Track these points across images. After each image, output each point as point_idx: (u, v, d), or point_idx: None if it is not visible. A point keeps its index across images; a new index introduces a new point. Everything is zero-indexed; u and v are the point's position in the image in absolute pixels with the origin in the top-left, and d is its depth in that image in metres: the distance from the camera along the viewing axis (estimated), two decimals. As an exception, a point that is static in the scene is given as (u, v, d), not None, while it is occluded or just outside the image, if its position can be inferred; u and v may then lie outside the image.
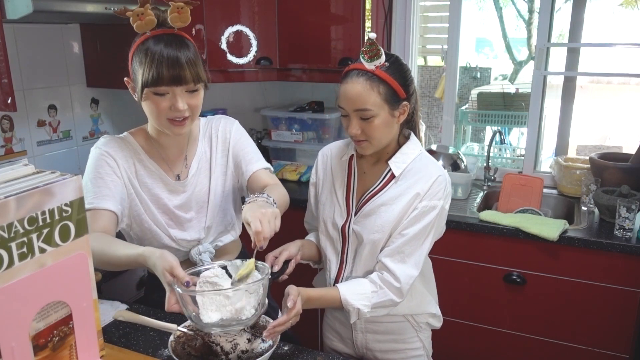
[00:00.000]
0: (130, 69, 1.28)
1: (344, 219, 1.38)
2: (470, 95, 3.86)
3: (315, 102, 2.74)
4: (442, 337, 1.55)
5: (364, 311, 1.29)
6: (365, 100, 1.23)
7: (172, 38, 1.23)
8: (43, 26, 2.12)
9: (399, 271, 1.28)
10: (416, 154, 1.34)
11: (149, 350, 1.23)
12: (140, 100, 1.28)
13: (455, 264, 2.17)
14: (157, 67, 1.20)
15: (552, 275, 2.03)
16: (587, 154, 3.64)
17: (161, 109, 1.25)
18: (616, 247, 1.90)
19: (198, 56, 1.26)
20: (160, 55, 1.20)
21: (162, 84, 1.21)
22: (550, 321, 2.08)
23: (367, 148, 1.31)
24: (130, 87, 1.31)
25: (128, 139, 1.40)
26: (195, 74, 1.23)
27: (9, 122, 2.04)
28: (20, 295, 0.77)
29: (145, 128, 1.43)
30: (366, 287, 1.30)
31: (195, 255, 1.44)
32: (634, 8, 5.72)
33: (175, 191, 1.42)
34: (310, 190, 1.52)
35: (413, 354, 1.46)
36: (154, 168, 1.39)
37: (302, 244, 1.43)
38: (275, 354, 1.22)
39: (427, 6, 2.85)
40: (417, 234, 1.28)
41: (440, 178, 1.30)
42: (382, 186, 1.34)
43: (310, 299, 1.25)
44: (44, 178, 0.84)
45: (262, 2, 2.44)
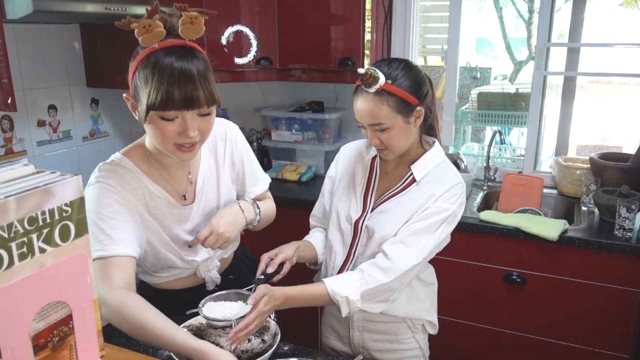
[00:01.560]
0: (131, 83, 1.12)
1: (359, 214, 1.39)
2: (470, 95, 3.87)
3: (315, 102, 2.74)
4: (442, 337, 1.55)
5: (353, 299, 1.25)
6: (377, 115, 1.25)
7: (184, 52, 1.07)
8: (43, 26, 2.12)
9: (394, 254, 1.26)
10: (439, 162, 1.36)
11: (149, 350, 1.23)
12: (142, 122, 1.12)
13: (455, 264, 2.17)
14: (167, 88, 1.04)
15: (552, 275, 2.03)
16: (587, 154, 3.64)
17: (168, 134, 1.10)
18: (616, 247, 1.90)
19: (211, 72, 1.11)
20: (171, 73, 1.04)
21: (172, 107, 1.06)
22: (550, 321, 2.08)
23: (389, 155, 1.33)
24: (130, 104, 1.15)
25: (126, 164, 1.22)
26: (209, 95, 1.09)
27: (9, 122, 2.04)
28: (20, 295, 0.77)
29: (142, 145, 1.26)
30: (353, 276, 1.28)
31: (204, 273, 1.38)
32: (634, 8, 5.72)
33: (184, 215, 1.30)
34: (326, 182, 1.53)
35: (409, 354, 1.46)
36: (161, 194, 1.26)
37: (299, 245, 1.43)
38: (275, 353, 1.22)
39: (427, 6, 2.85)
40: (423, 229, 1.28)
41: (459, 185, 1.31)
42: (402, 189, 1.35)
43: (289, 298, 1.23)
44: (44, 178, 0.84)
45: (262, 2, 2.45)
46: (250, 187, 1.45)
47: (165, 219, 1.27)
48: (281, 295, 1.21)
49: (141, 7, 1.83)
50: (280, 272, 1.33)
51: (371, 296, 1.26)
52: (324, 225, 1.54)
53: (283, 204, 2.37)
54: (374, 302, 1.28)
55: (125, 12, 1.75)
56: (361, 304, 1.26)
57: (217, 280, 1.41)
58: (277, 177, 2.69)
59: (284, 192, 2.50)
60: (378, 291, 1.26)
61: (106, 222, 1.14)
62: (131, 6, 1.78)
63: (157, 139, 1.14)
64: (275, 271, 1.31)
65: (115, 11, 1.72)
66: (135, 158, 1.24)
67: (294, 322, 1.88)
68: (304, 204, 1.60)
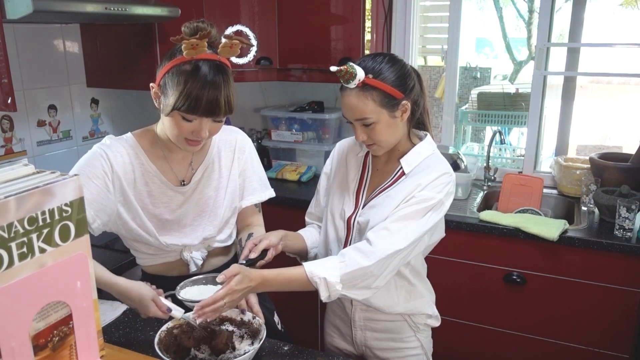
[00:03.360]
0: (161, 76, 1.24)
1: (351, 210, 1.39)
2: (470, 95, 3.87)
3: (315, 102, 2.74)
4: (441, 337, 1.55)
5: (332, 281, 1.20)
6: (362, 110, 1.25)
7: (216, 67, 1.21)
8: (43, 26, 2.12)
9: (376, 239, 1.23)
10: (428, 154, 1.35)
11: (149, 350, 1.23)
12: (162, 113, 1.27)
13: (455, 264, 2.17)
14: (196, 96, 1.18)
15: (552, 275, 2.03)
16: (587, 154, 3.64)
17: (184, 130, 1.25)
18: (616, 247, 1.90)
19: (234, 86, 1.25)
20: (203, 86, 1.18)
21: (196, 113, 1.20)
22: (550, 321, 2.08)
23: (378, 150, 1.34)
24: (154, 92, 1.28)
25: (132, 142, 1.37)
26: (228, 107, 1.23)
27: (9, 122, 2.04)
28: (20, 295, 0.77)
29: (152, 130, 1.40)
30: (334, 260, 1.25)
31: (187, 255, 1.43)
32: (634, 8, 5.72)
33: (176, 198, 1.40)
34: (322, 179, 1.53)
35: (411, 352, 1.46)
36: (155, 173, 1.37)
37: (285, 234, 1.42)
38: (276, 354, 1.23)
39: (427, 6, 2.85)
40: (407, 215, 1.25)
41: (446, 175, 1.29)
42: (392, 183, 1.35)
43: (265, 279, 1.21)
44: (44, 178, 0.84)
45: (262, 2, 2.45)
46: (247, 195, 1.50)
47: (150, 197, 1.37)
48: (257, 276, 1.20)
49: (141, 7, 1.83)
50: (264, 259, 1.32)
51: (351, 281, 1.22)
52: (318, 223, 1.55)
53: (283, 204, 2.38)
54: (356, 288, 1.23)
55: (125, 12, 1.75)
56: (341, 288, 1.21)
57: (198, 262, 1.44)
58: (277, 177, 2.69)
59: (284, 192, 2.50)
60: (359, 275, 1.21)
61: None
62: (131, 6, 1.77)
63: (171, 131, 1.27)
64: (258, 257, 1.31)
65: (115, 11, 1.72)
66: (141, 139, 1.38)
67: (294, 322, 1.88)
68: (304, 204, 1.59)
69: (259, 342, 1.19)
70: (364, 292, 1.25)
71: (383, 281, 1.25)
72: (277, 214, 2.13)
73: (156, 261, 1.45)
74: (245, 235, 1.47)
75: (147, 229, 1.37)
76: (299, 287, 1.24)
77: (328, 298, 1.22)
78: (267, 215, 1.62)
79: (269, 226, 1.55)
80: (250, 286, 1.19)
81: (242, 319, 1.29)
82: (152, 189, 1.37)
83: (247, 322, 1.29)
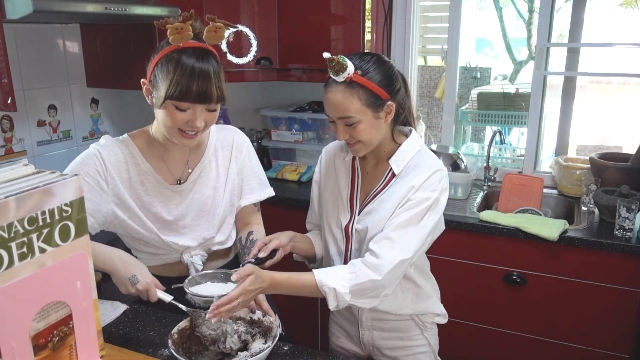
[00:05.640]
0: (151, 71, 1.25)
1: (347, 218, 1.38)
2: (470, 95, 3.87)
3: (315, 102, 2.74)
4: (441, 337, 1.55)
5: (341, 292, 1.21)
6: (346, 108, 1.24)
7: (203, 54, 1.21)
8: (43, 26, 2.12)
9: (381, 251, 1.23)
10: (416, 150, 1.34)
11: (149, 350, 1.23)
12: (155, 107, 1.27)
13: (455, 264, 2.17)
14: (186, 83, 1.18)
15: (552, 275, 2.03)
16: (587, 154, 3.65)
17: (177, 120, 1.24)
18: (616, 247, 1.90)
19: (223, 73, 1.25)
20: (192, 71, 1.18)
21: (188, 100, 1.20)
22: (550, 321, 2.08)
23: (360, 150, 1.31)
24: (146, 88, 1.29)
25: (127, 142, 1.38)
26: (220, 94, 1.23)
27: (9, 122, 2.04)
28: (20, 295, 0.77)
29: (147, 130, 1.41)
30: (344, 270, 1.26)
31: (187, 258, 1.43)
32: (634, 8, 5.73)
33: (172, 197, 1.40)
34: (314, 188, 1.52)
35: (419, 350, 1.47)
36: (150, 172, 1.37)
37: (295, 235, 1.42)
38: (276, 353, 1.23)
39: (427, 6, 2.85)
40: (406, 221, 1.25)
41: (438, 172, 1.28)
42: (384, 185, 1.34)
43: (275, 282, 1.21)
44: (44, 178, 0.84)
45: (262, 2, 2.44)
46: (245, 194, 1.50)
47: (147, 196, 1.37)
48: (268, 278, 1.20)
49: (141, 7, 1.83)
50: (273, 258, 1.32)
51: (361, 292, 1.23)
52: (320, 229, 1.54)
53: (283, 204, 2.38)
54: (364, 297, 1.24)
55: (125, 12, 1.75)
56: (350, 299, 1.23)
57: (198, 266, 1.44)
58: (277, 177, 2.69)
59: (284, 192, 2.50)
60: (368, 287, 1.22)
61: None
62: (131, 6, 1.77)
63: (165, 123, 1.27)
64: (267, 256, 1.31)
65: (115, 11, 1.71)
66: (137, 139, 1.39)
67: (294, 322, 1.88)
68: (304, 204, 1.60)
69: (273, 341, 1.19)
70: (373, 301, 1.26)
71: (391, 289, 1.27)
72: (277, 214, 2.13)
73: (156, 262, 1.44)
74: (245, 234, 1.47)
75: (146, 226, 1.37)
76: (307, 293, 1.25)
77: (336, 307, 1.24)
78: (267, 215, 1.62)
79: (268, 226, 1.55)
80: (261, 287, 1.19)
81: (252, 318, 1.29)
82: (148, 188, 1.37)
83: (258, 320, 1.29)
